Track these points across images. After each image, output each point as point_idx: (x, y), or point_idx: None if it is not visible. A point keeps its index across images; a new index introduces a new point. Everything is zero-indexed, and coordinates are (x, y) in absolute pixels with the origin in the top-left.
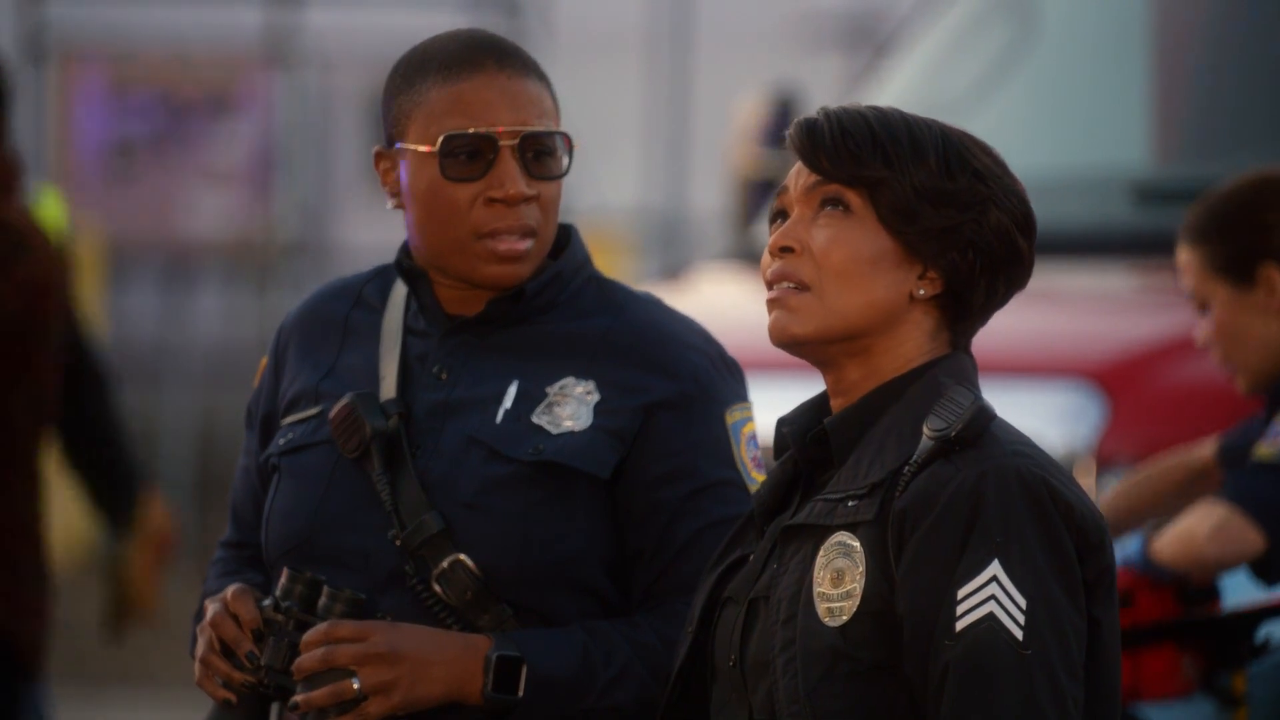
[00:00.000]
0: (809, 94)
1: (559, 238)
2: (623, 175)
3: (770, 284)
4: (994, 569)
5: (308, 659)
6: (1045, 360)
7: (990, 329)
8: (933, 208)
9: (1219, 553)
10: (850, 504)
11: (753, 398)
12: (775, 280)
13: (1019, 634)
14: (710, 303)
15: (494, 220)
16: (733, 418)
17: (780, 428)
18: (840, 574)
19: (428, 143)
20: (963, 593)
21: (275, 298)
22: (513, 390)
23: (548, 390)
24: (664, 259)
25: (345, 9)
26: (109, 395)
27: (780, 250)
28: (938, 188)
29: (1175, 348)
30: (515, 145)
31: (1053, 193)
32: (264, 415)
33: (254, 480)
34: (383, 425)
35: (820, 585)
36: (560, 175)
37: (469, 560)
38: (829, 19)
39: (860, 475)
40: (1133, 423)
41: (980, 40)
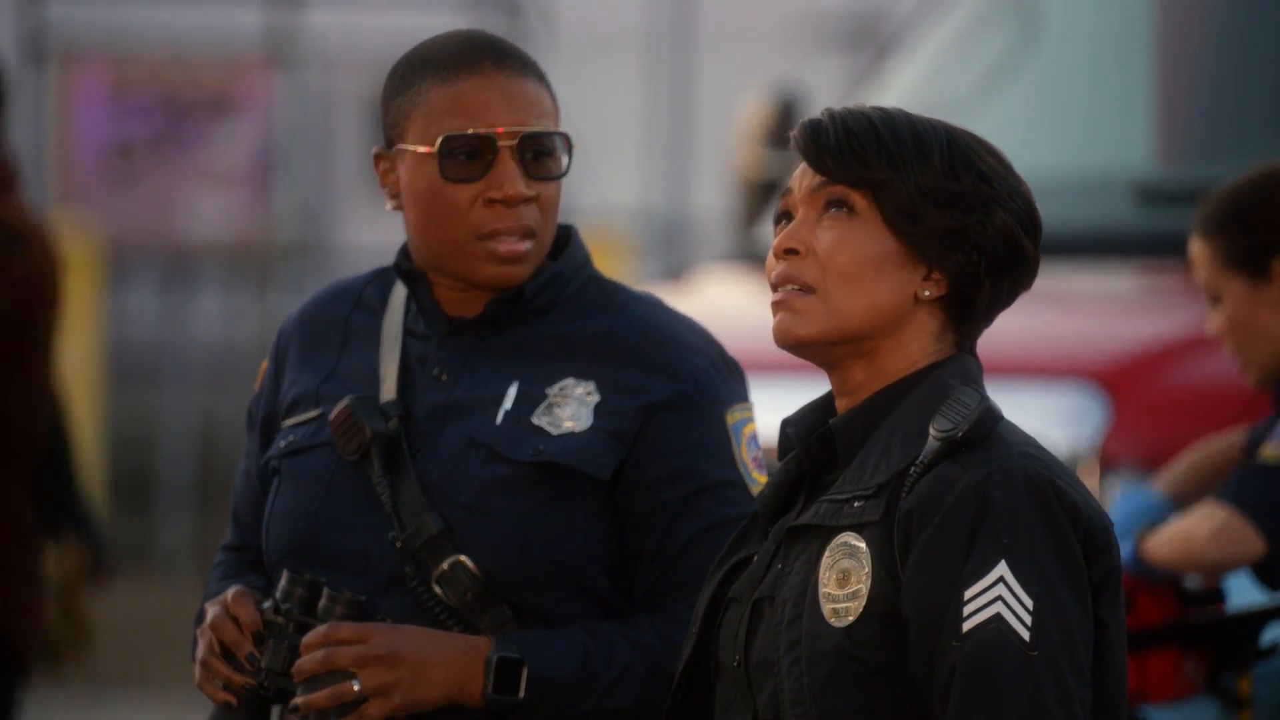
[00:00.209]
0: (811, 94)
1: (559, 238)
2: (624, 176)
3: (775, 286)
4: (1001, 570)
5: (308, 661)
6: (1048, 361)
7: (993, 330)
8: (937, 209)
9: (1219, 556)
10: (856, 505)
11: (755, 399)
12: (779, 283)
13: (1026, 635)
14: (713, 304)
15: (493, 221)
16: (733, 418)
17: (785, 428)
18: (846, 575)
19: (427, 144)
20: (969, 593)
21: (275, 299)
22: (513, 391)
23: (548, 391)
24: (665, 260)
25: (345, 10)
26: (61, 418)
27: (785, 252)
28: (942, 189)
29: (1179, 349)
30: (514, 146)
31: (1056, 194)
32: (264, 418)
33: (255, 483)
34: (382, 427)
35: (826, 586)
36: (559, 176)
37: (469, 562)
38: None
39: (866, 476)
40: (1136, 424)
41: (983, 41)
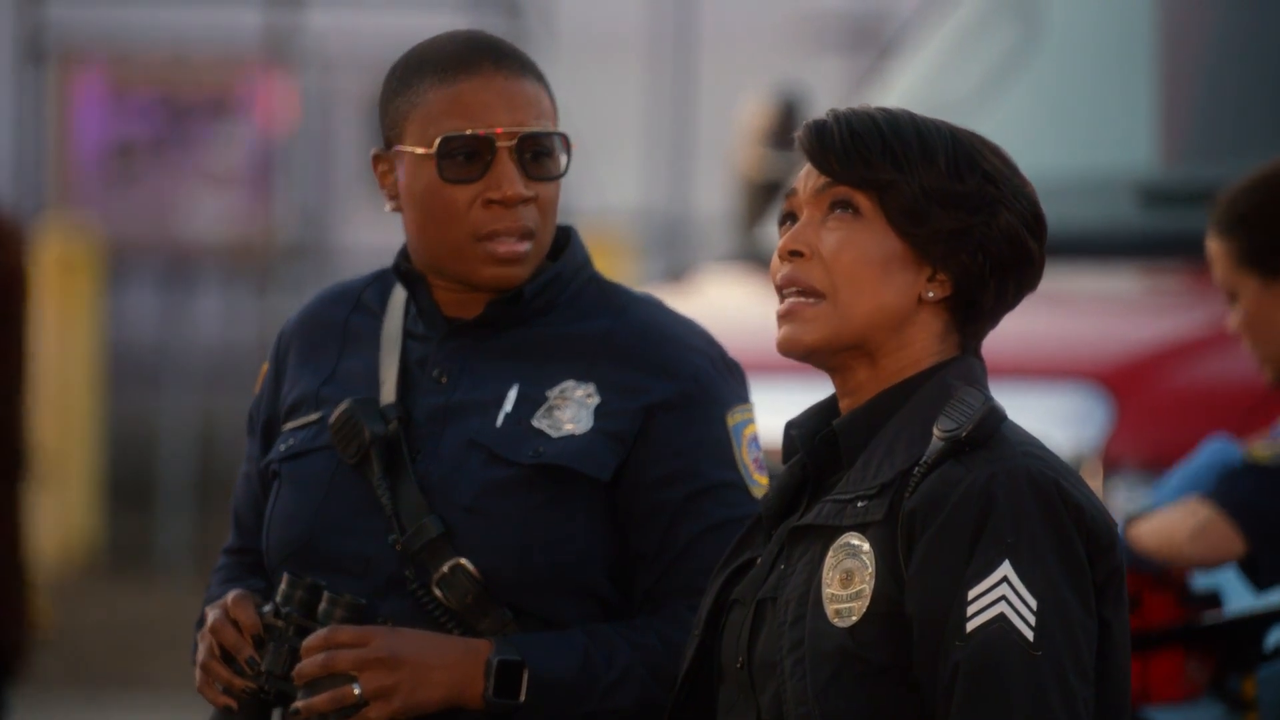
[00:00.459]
0: (812, 95)
1: (558, 239)
2: (625, 177)
3: (779, 289)
4: (1005, 570)
5: (308, 664)
6: (1052, 362)
7: (996, 330)
8: (942, 209)
9: (1198, 553)
10: (859, 504)
11: (757, 400)
12: (784, 285)
13: (1029, 635)
14: (715, 305)
15: (492, 222)
16: (734, 419)
17: (789, 430)
18: (849, 575)
19: (425, 144)
20: (973, 593)
21: (275, 300)
22: (513, 394)
23: (548, 394)
24: (666, 261)
25: (345, 10)
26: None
27: (789, 254)
28: (947, 189)
29: (1182, 350)
30: (513, 146)
31: (1059, 194)
32: (265, 421)
33: (255, 486)
34: (381, 430)
35: (829, 586)
36: (558, 176)
37: (469, 564)
38: (832, 20)
39: (869, 476)
40: (1139, 425)
41: (985, 42)
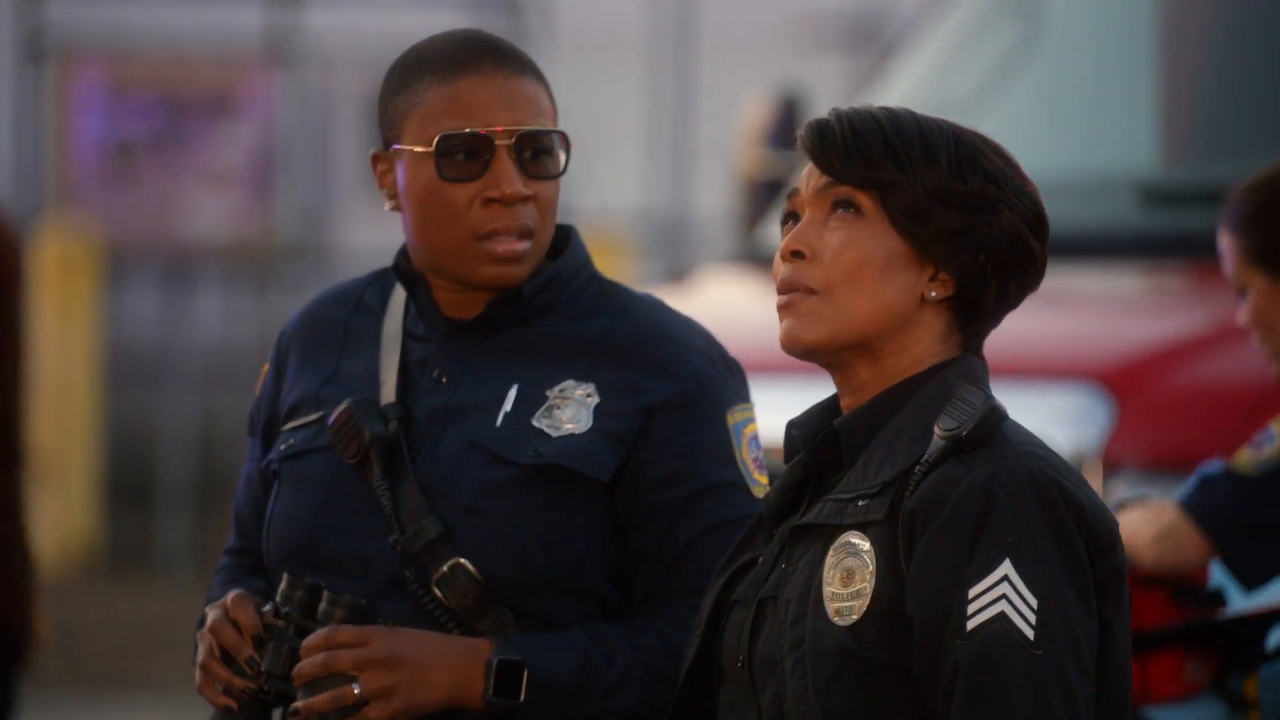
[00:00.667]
0: (813, 95)
1: (558, 238)
2: (625, 176)
3: (780, 290)
4: (1005, 569)
5: (308, 664)
6: (1052, 362)
7: (998, 330)
8: (944, 209)
9: (1158, 556)
10: (860, 503)
11: (759, 400)
12: (785, 287)
13: (1030, 634)
14: (716, 305)
15: (491, 221)
16: (734, 419)
17: (790, 430)
18: (850, 573)
19: (424, 143)
20: (974, 592)
21: (275, 299)
22: (513, 394)
23: (548, 393)
24: (666, 261)
25: (345, 9)
26: None
27: (791, 255)
28: (949, 189)
29: (1183, 349)
30: (511, 144)
31: (1059, 194)
32: (265, 422)
33: (256, 487)
34: (381, 431)
35: (830, 585)
36: (557, 175)
37: (469, 564)
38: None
39: (870, 475)
40: (1140, 425)
41: (986, 41)
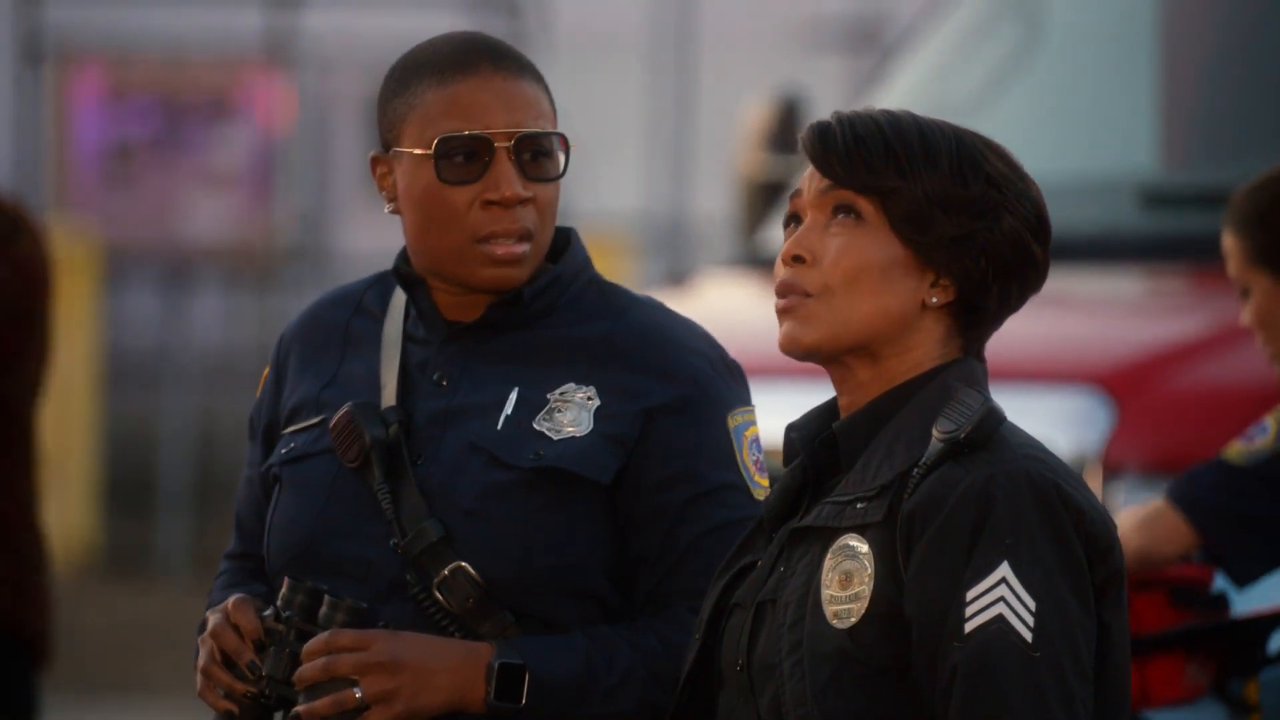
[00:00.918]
0: (813, 97)
1: (558, 241)
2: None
3: (779, 292)
4: (1003, 571)
5: (309, 668)
6: (1053, 365)
7: (998, 333)
8: (945, 215)
9: (1141, 543)
10: (859, 506)
11: (760, 403)
12: (784, 290)
13: (1028, 636)
14: (716, 308)
15: (490, 223)
16: (735, 421)
17: (789, 433)
18: (848, 576)
19: (423, 146)
20: (972, 594)
21: (275, 302)
22: (513, 397)
23: (549, 396)
24: (666, 263)
25: (344, 11)
26: None
27: (792, 259)
28: (951, 194)
29: (1184, 352)
30: (510, 146)
31: (1060, 197)
32: (266, 425)
33: (257, 491)
34: (382, 434)
35: (828, 587)
36: (557, 177)
37: (470, 567)
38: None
39: (869, 477)
40: (1141, 428)
41: (986, 43)
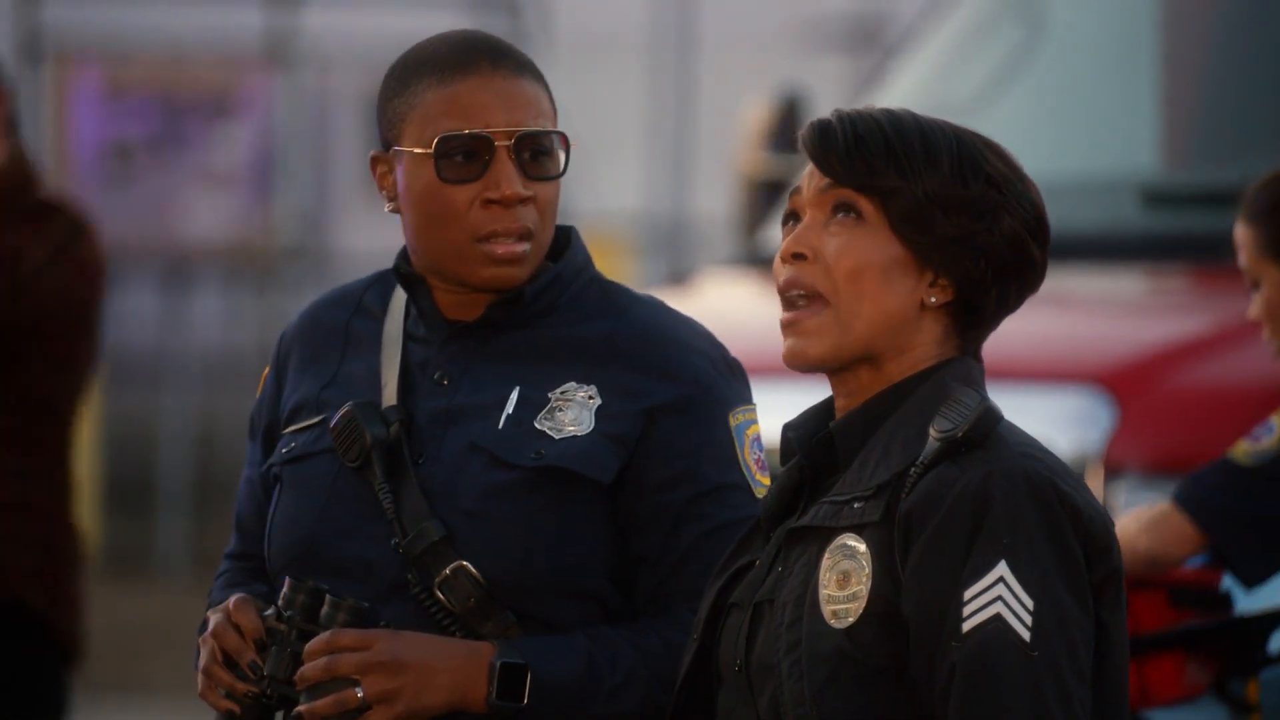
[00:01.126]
0: (814, 96)
1: (559, 240)
2: (625, 178)
3: (782, 291)
4: (1001, 570)
5: (311, 668)
6: (1054, 365)
7: (999, 333)
8: (945, 215)
9: (1149, 546)
10: (856, 506)
11: (761, 402)
12: (787, 289)
13: (1026, 635)
14: (717, 307)
15: (491, 223)
16: (736, 420)
17: (786, 433)
18: (846, 576)
19: (423, 145)
20: (969, 594)
21: (275, 301)
22: (514, 396)
23: (550, 395)
24: (667, 263)
25: (344, 11)
26: None
27: (792, 256)
28: (951, 194)
29: (1185, 352)
30: (510, 145)
31: (1061, 196)
32: (266, 425)
33: (258, 491)
34: (383, 434)
35: (826, 587)
36: (557, 176)
37: (471, 567)
38: (833, 21)
39: (866, 477)
40: (1142, 427)
41: (987, 43)
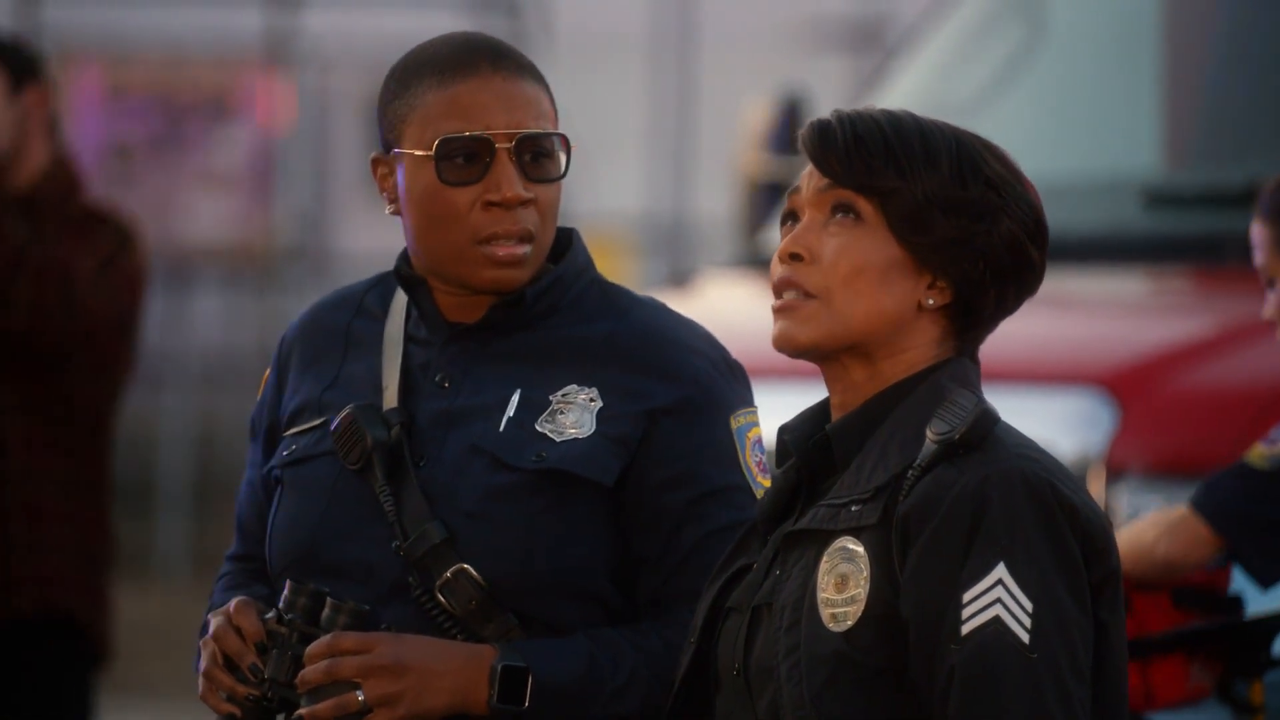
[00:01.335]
0: (815, 97)
1: (560, 242)
2: (625, 179)
3: (776, 290)
4: (999, 572)
5: (312, 671)
6: (1056, 366)
7: (1000, 334)
8: (944, 217)
9: (1168, 553)
10: (854, 508)
11: (762, 403)
12: (782, 288)
13: (1025, 637)
14: (718, 308)
15: (492, 225)
16: (737, 422)
17: (781, 435)
18: (844, 579)
19: (424, 147)
20: (968, 596)
21: (274, 302)
22: (515, 398)
23: (551, 398)
24: (667, 264)
25: (344, 11)
26: None
27: (789, 257)
28: (950, 196)
29: (1187, 353)
30: (511, 147)
31: (1063, 197)
32: (267, 427)
33: (259, 493)
34: (384, 436)
35: (824, 590)
36: (558, 177)
37: (473, 570)
38: (834, 22)
39: (863, 480)
40: (1144, 429)
41: (989, 43)
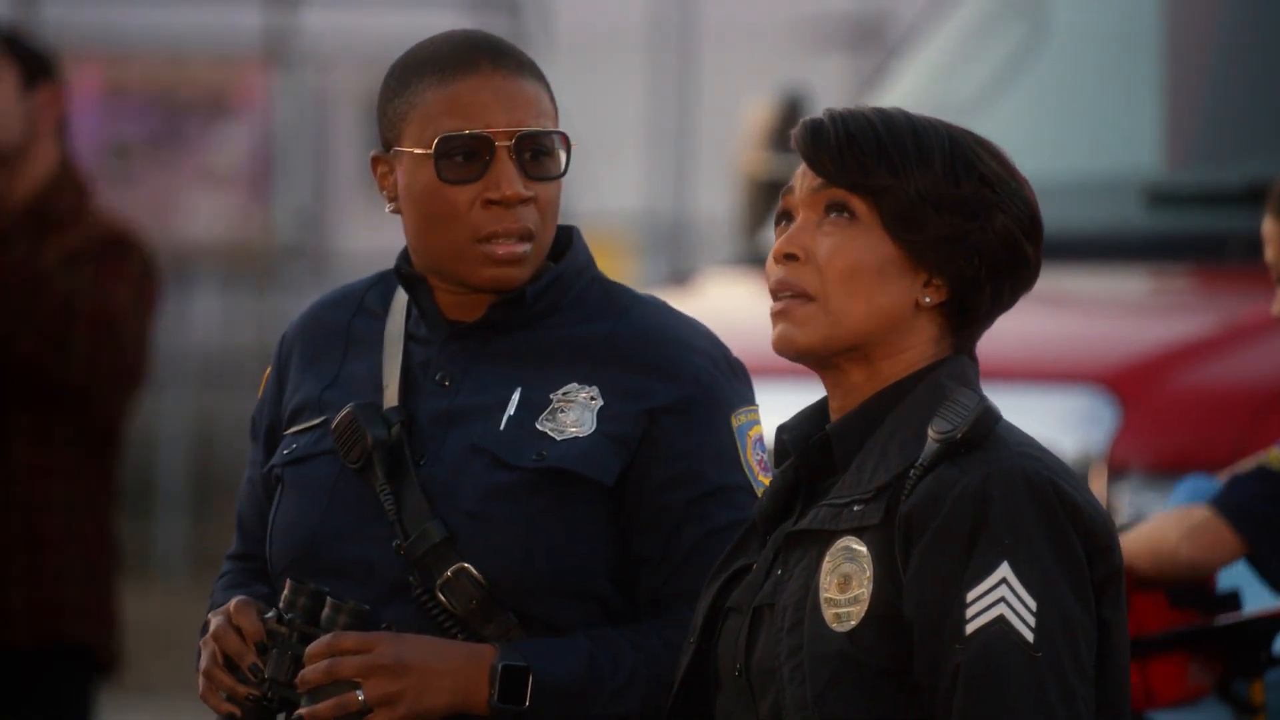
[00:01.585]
0: (815, 95)
1: (560, 240)
2: (626, 178)
3: (773, 292)
4: (1003, 571)
5: (312, 671)
6: (1057, 365)
7: (1002, 333)
8: (938, 214)
9: (1192, 555)
10: (856, 508)
11: (762, 402)
12: (778, 289)
13: (1030, 636)
14: (718, 307)
15: (492, 223)
16: (738, 421)
17: (780, 435)
18: (847, 579)
19: (424, 145)
20: (972, 595)
21: (274, 301)
22: (516, 397)
23: (551, 396)
24: (667, 263)
25: (343, 10)
26: None
27: (784, 257)
28: (943, 193)
29: (1189, 352)
30: (511, 146)
31: (1064, 196)
32: (268, 426)
33: (259, 492)
34: (384, 435)
35: (827, 591)
36: (558, 176)
37: (473, 569)
38: (834, 20)
39: (865, 479)
40: (1145, 428)
41: (990, 42)
